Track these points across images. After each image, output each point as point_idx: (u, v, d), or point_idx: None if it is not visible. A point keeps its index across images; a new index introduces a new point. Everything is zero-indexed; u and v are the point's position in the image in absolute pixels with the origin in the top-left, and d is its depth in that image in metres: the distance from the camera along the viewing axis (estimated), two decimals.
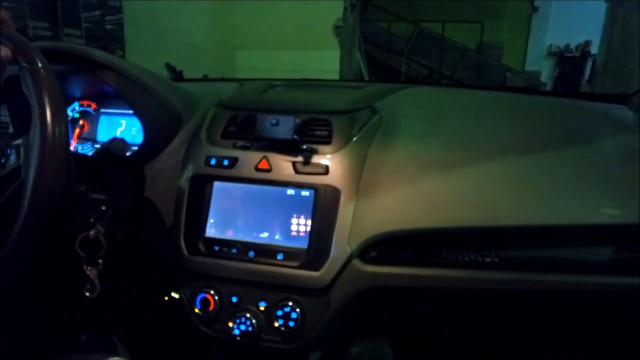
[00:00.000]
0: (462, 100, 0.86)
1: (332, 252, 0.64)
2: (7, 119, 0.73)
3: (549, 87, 7.77)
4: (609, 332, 0.75)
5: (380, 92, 0.85)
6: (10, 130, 0.73)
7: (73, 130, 0.87)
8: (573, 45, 8.02)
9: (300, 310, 0.66)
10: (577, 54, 8.02)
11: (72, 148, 0.86)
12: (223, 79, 1.13)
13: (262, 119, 0.69)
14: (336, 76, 5.44)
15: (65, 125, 0.57)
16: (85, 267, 0.68)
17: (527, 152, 0.68)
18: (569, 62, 8.03)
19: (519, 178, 0.65)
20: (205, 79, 1.17)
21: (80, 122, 0.87)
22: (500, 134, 0.72)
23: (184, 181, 0.72)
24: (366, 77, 6.17)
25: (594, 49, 7.77)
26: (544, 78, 8.08)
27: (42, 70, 0.57)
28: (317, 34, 5.84)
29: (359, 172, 0.67)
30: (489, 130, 0.73)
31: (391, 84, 0.94)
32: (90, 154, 0.80)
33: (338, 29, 5.61)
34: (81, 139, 0.87)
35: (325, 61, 5.85)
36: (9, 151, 0.64)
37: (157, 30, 5.15)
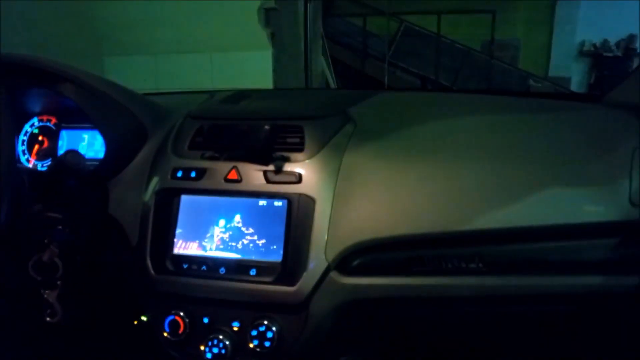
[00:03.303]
0: (438, 105, 1.19)
1: (308, 265, 0.91)
2: None
3: None
4: (600, 336, 1.06)
5: (354, 98, 1.17)
6: None
7: (32, 147, 1.14)
8: (613, 42, 8.45)
9: (276, 328, 0.92)
10: (619, 53, 8.41)
11: (30, 165, 1.14)
12: (193, 92, 1.47)
13: (230, 128, 0.99)
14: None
15: (9, 142, 0.79)
16: (42, 290, 0.93)
17: (504, 154, 0.99)
18: (608, 64, 8.38)
19: (497, 181, 0.95)
20: (174, 92, 1.48)
21: (40, 137, 1.15)
22: (477, 137, 1.03)
23: (149, 196, 1.00)
24: None
25: None
26: (574, 86, 8.36)
27: None
28: (238, 26, 5.38)
29: (333, 180, 0.96)
30: (464, 134, 1.04)
31: (366, 90, 1.27)
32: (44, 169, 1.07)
33: (268, 14, 5.12)
34: (40, 155, 1.14)
35: (250, 69, 5.44)
36: None
37: None
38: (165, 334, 0.96)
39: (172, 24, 5.71)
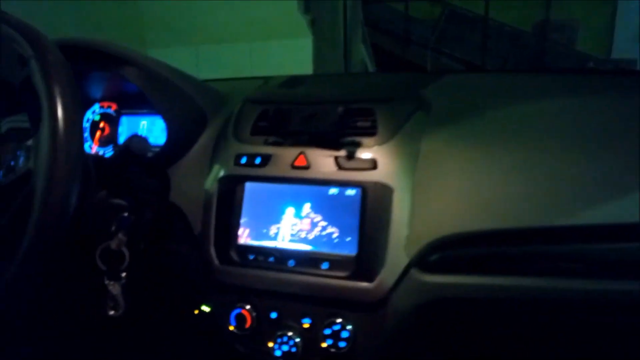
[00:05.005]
0: (513, 87, 1.12)
1: (387, 260, 0.86)
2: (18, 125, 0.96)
3: None
4: None
5: (422, 80, 1.12)
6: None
7: (94, 134, 1.17)
8: None
9: (352, 328, 0.87)
10: None
11: (93, 152, 1.15)
12: (243, 78, 1.49)
13: (297, 111, 0.95)
14: None
15: (79, 122, 0.77)
16: (107, 282, 0.90)
17: (600, 141, 0.90)
18: None
19: (595, 170, 0.86)
20: (226, 78, 1.49)
21: (101, 124, 1.17)
22: (566, 122, 0.95)
23: (212, 183, 0.97)
24: None
25: None
26: None
27: (53, 61, 0.76)
28: (276, 14, 5.63)
29: (412, 167, 0.90)
30: (551, 118, 0.96)
31: (434, 73, 1.22)
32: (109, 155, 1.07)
33: (308, 2, 5.03)
34: (102, 142, 1.17)
35: (289, 58, 5.58)
36: (18, 153, 0.84)
37: None
38: (231, 328, 0.93)
39: (214, 14, 5.86)
